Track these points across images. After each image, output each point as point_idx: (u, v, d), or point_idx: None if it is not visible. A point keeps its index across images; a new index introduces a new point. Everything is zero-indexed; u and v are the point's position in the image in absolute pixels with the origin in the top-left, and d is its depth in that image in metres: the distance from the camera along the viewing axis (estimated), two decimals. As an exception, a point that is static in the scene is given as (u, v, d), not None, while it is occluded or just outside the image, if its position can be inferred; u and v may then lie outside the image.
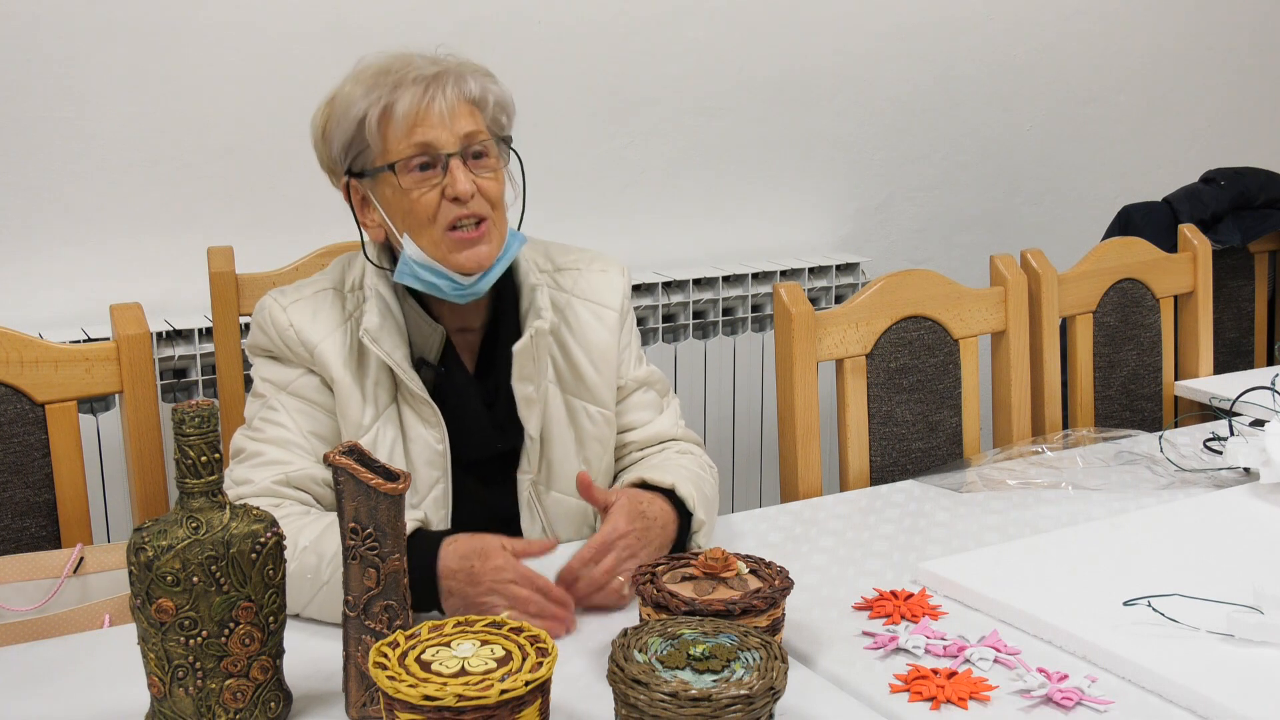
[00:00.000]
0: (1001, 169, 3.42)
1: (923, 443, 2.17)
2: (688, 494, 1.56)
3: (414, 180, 1.54)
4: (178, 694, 1.18)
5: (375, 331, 1.56)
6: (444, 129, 1.53)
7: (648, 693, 1.07)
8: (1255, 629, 1.34)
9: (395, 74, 1.54)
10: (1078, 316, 2.39)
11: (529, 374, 1.62)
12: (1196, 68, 3.67)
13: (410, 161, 1.53)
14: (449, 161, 1.54)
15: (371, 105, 1.53)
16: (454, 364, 1.62)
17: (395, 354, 1.57)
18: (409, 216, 1.55)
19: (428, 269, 1.56)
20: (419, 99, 1.53)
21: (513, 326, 1.64)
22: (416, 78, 1.54)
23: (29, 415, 1.73)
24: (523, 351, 1.61)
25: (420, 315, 1.60)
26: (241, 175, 2.54)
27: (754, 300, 2.95)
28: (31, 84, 2.34)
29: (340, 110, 1.56)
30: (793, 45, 3.05)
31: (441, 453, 1.60)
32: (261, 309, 1.63)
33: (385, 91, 1.53)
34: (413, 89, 1.53)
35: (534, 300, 1.63)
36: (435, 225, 1.55)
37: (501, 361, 1.63)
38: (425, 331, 1.60)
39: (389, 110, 1.53)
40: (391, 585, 1.21)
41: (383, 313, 1.58)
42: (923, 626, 1.41)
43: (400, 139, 1.53)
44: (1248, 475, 1.91)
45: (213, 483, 1.19)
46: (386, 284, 1.61)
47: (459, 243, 1.55)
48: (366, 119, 1.54)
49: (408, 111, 1.53)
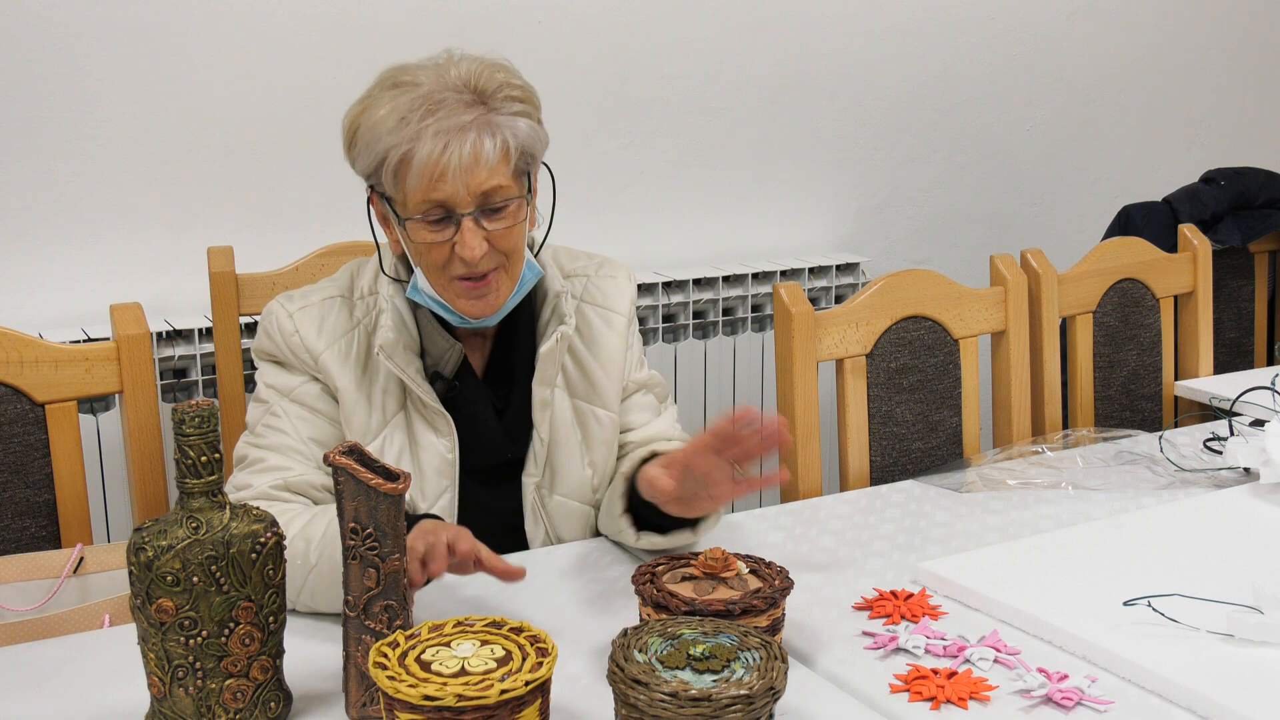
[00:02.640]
0: (1001, 169, 3.42)
1: (923, 443, 2.17)
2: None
3: (425, 234, 1.52)
4: (178, 694, 1.18)
5: (390, 347, 1.56)
6: (460, 186, 1.48)
7: (648, 693, 1.07)
8: (1255, 629, 1.34)
9: (420, 118, 1.47)
10: (1078, 316, 2.39)
11: (548, 377, 1.63)
12: (1196, 68, 3.67)
13: (425, 216, 1.51)
14: (462, 220, 1.50)
15: (393, 148, 1.48)
16: (466, 373, 1.63)
17: (409, 368, 1.57)
18: (420, 258, 1.55)
19: (435, 303, 1.57)
20: (438, 155, 1.46)
21: (528, 332, 1.65)
22: (440, 129, 1.47)
23: (29, 415, 1.73)
24: (547, 355, 1.62)
25: (437, 331, 1.60)
26: (241, 175, 2.54)
27: (754, 300, 2.95)
28: (31, 84, 2.34)
29: (365, 136, 1.51)
30: (793, 45, 3.05)
31: (451, 461, 1.61)
32: (269, 314, 1.62)
33: (409, 135, 1.47)
34: (433, 142, 1.46)
35: (558, 306, 1.64)
36: (444, 273, 1.54)
37: (514, 367, 1.64)
38: (442, 346, 1.60)
39: (407, 159, 1.48)
40: (391, 585, 1.21)
41: (398, 326, 1.58)
42: (923, 626, 1.41)
43: (415, 193, 1.49)
44: (1248, 475, 1.91)
45: (213, 483, 1.19)
46: (403, 296, 1.60)
47: (465, 292, 1.55)
48: (386, 162, 1.49)
49: (424, 168, 1.47)
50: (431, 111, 1.48)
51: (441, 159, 1.47)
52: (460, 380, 1.62)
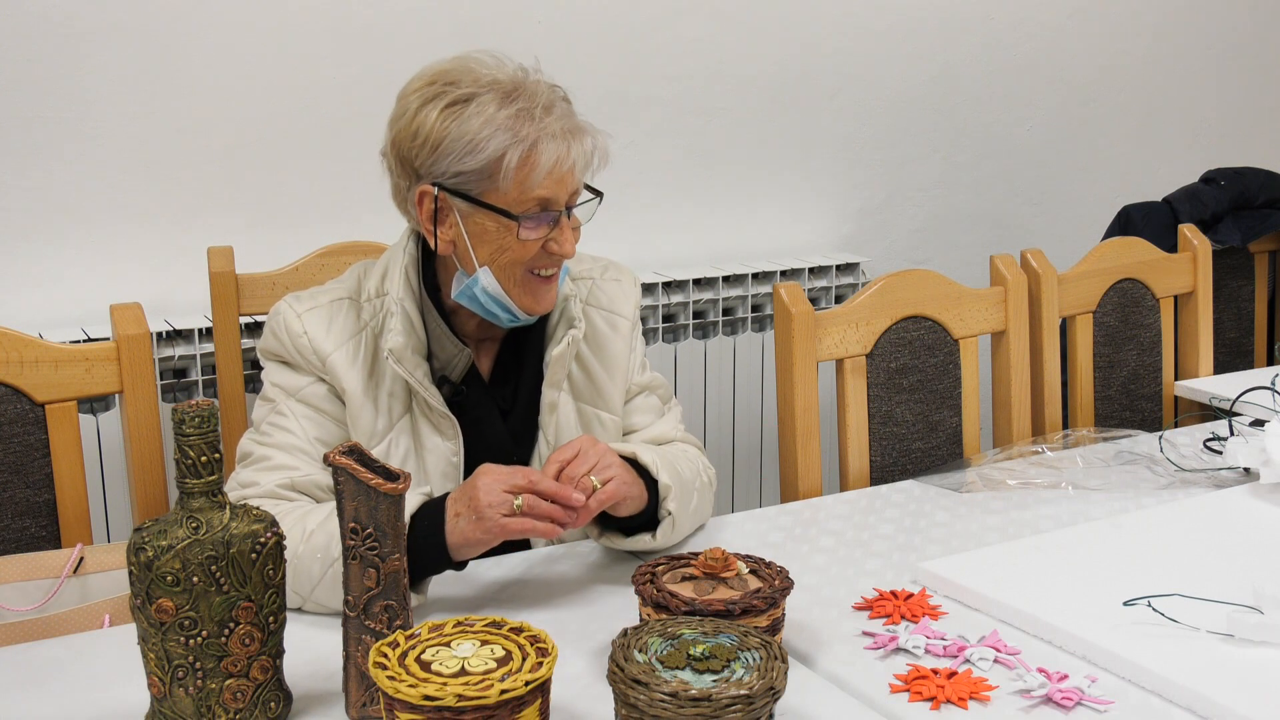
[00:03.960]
0: (1001, 169, 3.42)
1: (923, 443, 2.17)
2: (650, 461, 1.56)
3: (532, 231, 1.55)
4: (178, 694, 1.18)
5: (399, 351, 1.56)
6: (565, 187, 1.55)
7: (648, 693, 1.07)
8: (1255, 629, 1.34)
9: (537, 120, 1.52)
10: (1078, 316, 2.39)
11: (558, 380, 1.65)
12: (1196, 68, 3.67)
13: (529, 213, 1.54)
14: (559, 218, 1.55)
15: (513, 146, 1.51)
16: (473, 376, 1.63)
17: (417, 372, 1.58)
18: (500, 254, 1.56)
19: (496, 301, 1.57)
20: (563, 157, 1.53)
21: (536, 336, 1.66)
22: (559, 131, 1.53)
23: (29, 415, 1.73)
24: (558, 359, 1.63)
25: (448, 336, 1.60)
26: (241, 175, 2.54)
27: (754, 300, 2.95)
28: (32, 84, 2.34)
29: (471, 135, 1.51)
30: (793, 45, 3.05)
31: (456, 464, 1.61)
32: (276, 314, 1.63)
33: (529, 137, 1.51)
34: (556, 143, 1.52)
35: (566, 310, 1.66)
36: (523, 268, 1.57)
37: (520, 370, 1.65)
38: (451, 351, 1.60)
39: (531, 159, 1.51)
40: (391, 585, 1.21)
41: (407, 330, 1.58)
42: (923, 626, 1.41)
43: (533, 189, 1.52)
44: (1248, 475, 1.91)
45: (213, 483, 1.19)
46: (413, 299, 1.60)
47: (539, 286, 1.58)
48: (505, 160, 1.51)
49: (551, 167, 1.52)
50: (547, 111, 1.54)
51: (566, 161, 1.53)
52: (467, 384, 1.62)
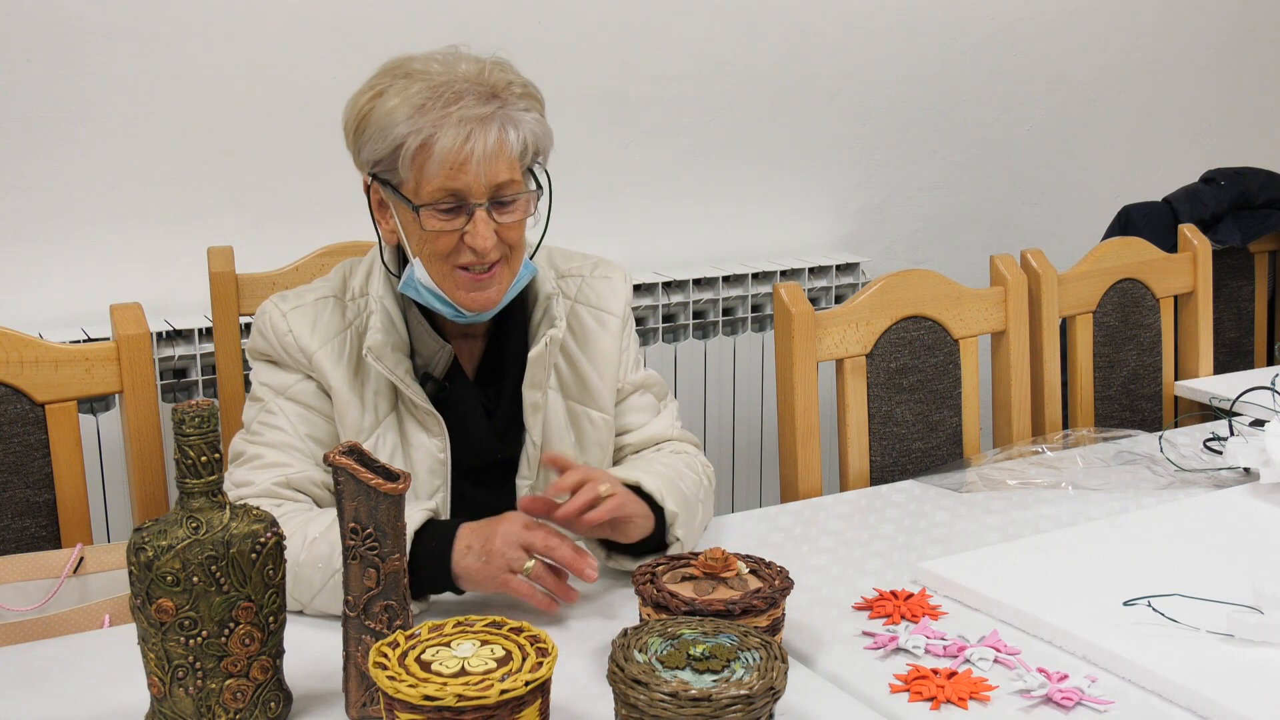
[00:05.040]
0: (1001, 169, 3.42)
1: (923, 443, 2.17)
2: (654, 488, 1.54)
3: (436, 223, 1.51)
4: (178, 694, 1.18)
5: (379, 349, 1.56)
6: (477, 178, 1.49)
7: (648, 693, 1.07)
8: (1255, 629, 1.34)
9: (442, 105, 1.48)
10: (1078, 316, 2.39)
11: (539, 380, 1.63)
12: (1196, 68, 3.67)
13: (437, 205, 1.50)
14: (475, 210, 1.51)
15: (411, 134, 1.48)
16: (456, 373, 1.62)
17: (398, 369, 1.57)
18: (423, 247, 1.54)
19: (433, 294, 1.56)
20: (460, 144, 1.47)
21: (519, 334, 1.65)
22: (463, 118, 1.47)
23: (29, 415, 1.73)
24: (537, 359, 1.61)
25: (428, 332, 1.59)
26: (241, 175, 2.54)
27: (754, 300, 2.95)
28: (32, 84, 2.34)
29: (378, 123, 1.50)
30: (793, 45, 3.05)
31: (443, 461, 1.61)
32: (262, 314, 1.63)
33: (428, 123, 1.47)
34: (455, 130, 1.47)
35: (549, 309, 1.64)
36: (447, 262, 1.53)
37: (505, 368, 1.64)
38: (432, 348, 1.60)
39: (427, 146, 1.48)
40: (391, 585, 1.21)
41: (386, 328, 1.57)
42: (923, 626, 1.41)
43: (431, 181, 1.49)
44: (1248, 475, 1.91)
45: (213, 483, 1.19)
46: (392, 297, 1.60)
47: (468, 283, 1.54)
48: (404, 148, 1.49)
49: (445, 156, 1.47)
50: (454, 100, 1.48)
51: (464, 148, 1.48)
52: (450, 381, 1.61)
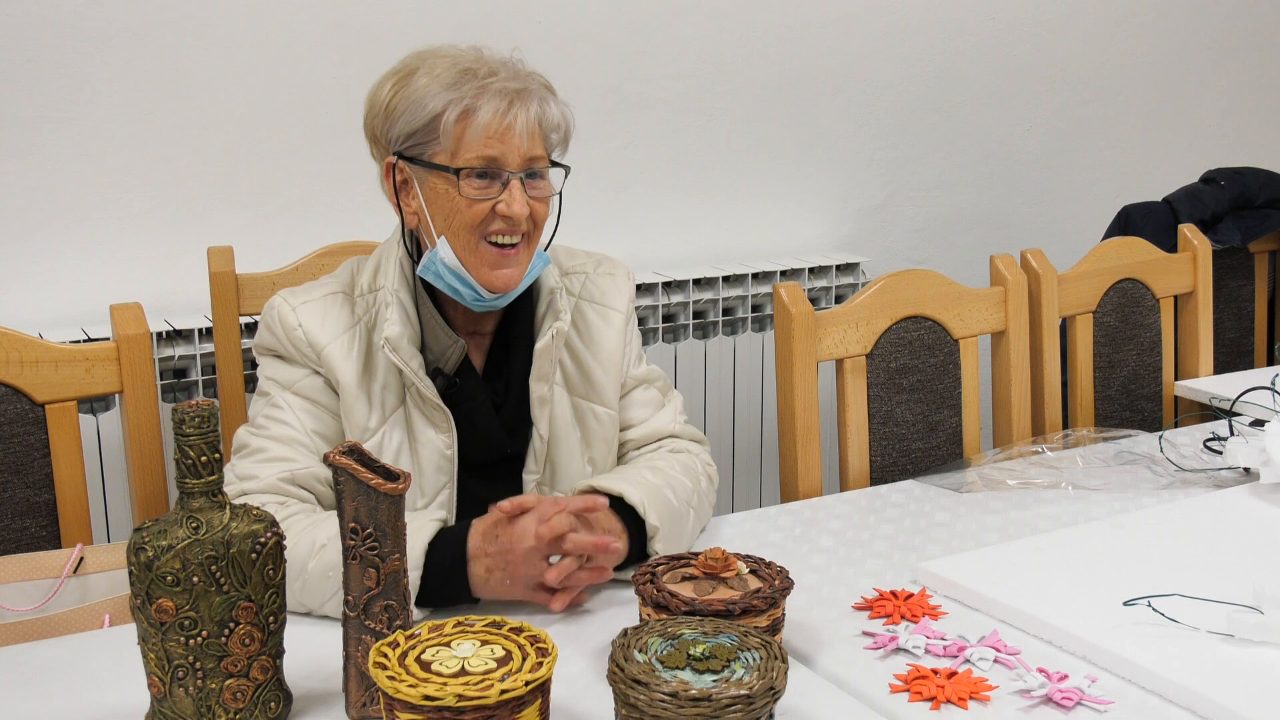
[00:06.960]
0: (1001, 169, 3.42)
1: (923, 443, 2.17)
2: (637, 501, 1.54)
3: (475, 189, 1.54)
4: (178, 694, 1.18)
5: (395, 340, 1.56)
6: (515, 148, 1.54)
7: (648, 693, 1.07)
8: (1255, 629, 1.34)
9: (480, 79, 1.53)
10: (1078, 316, 2.39)
11: (546, 374, 1.64)
12: (1196, 68, 3.67)
13: (475, 171, 1.54)
14: (510, 180, 1.54)
15: (452, 103, 1.52)
16: (466, 369, 1.63)
17: (412, 363, 1.58)
18: (453, 218, 1.55)
19: (455, 274, 1.57)
20: (502, 113, 1.52)
21: (525, 329, 1.66)
22: (502, 90, 1.53)
23: (29, 415, 1.73)
24: (543, 352, 1.62)
25: (441, 326, 1.60)
26: (241, 175, 2.54)
27: (754, 300, 2.95)
28: (31, 84, 2.34)
29: (416, 96, 1.54)
30: (793, 45, 3.05)
31: (450, 457, 1.61)
32: (270, 309, 1.63)
33: (469, 94, 1.52)
34: (497, 100, 1.52)
35: (553, 303, 1.66)
36: (475, 234, 1.55)
37: (512, 363, 1.65)
38: (444, 343, 1.60)
39: (469, 114, 1.52)
40: (391, 585, 1.21)
41: (403, 321, 1.58)
42: (923, 626, 1.41)
43: (473, 146, 1.53)
44: (1248, 475, 1.91)
45: (213, 483, 1.19)
46: (407, 290, 1.61)
47: (494, 258, 1.56)
48: (444, 116, 1.52)
49: (488, 122, 1.52)
50: (489, 75, 1.54)
51: (506, 116, 1.53)
52: (460, 377, 1.62)
